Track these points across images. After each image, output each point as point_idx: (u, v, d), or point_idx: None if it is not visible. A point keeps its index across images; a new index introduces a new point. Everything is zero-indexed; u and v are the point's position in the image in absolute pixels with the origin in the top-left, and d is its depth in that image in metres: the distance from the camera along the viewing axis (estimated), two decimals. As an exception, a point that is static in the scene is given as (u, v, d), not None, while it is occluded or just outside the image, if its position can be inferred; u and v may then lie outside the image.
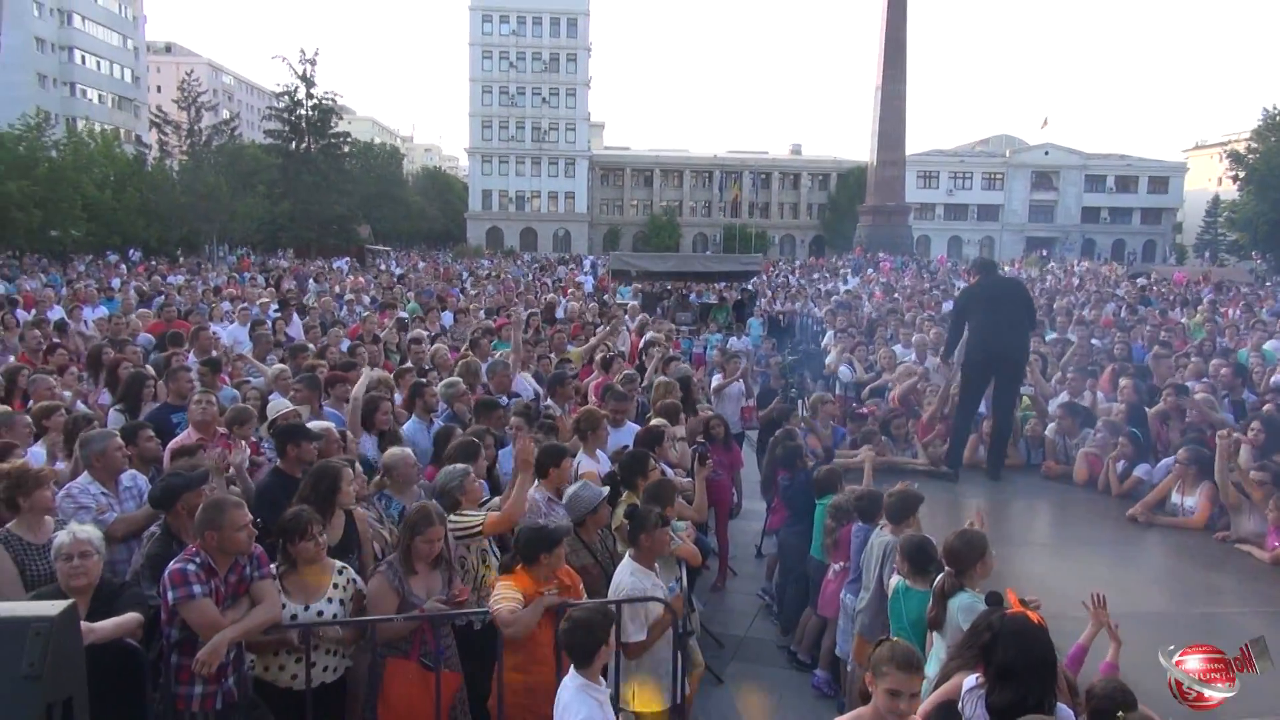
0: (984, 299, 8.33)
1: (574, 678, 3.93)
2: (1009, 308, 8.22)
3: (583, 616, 3.98)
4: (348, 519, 5.24)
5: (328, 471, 5.12)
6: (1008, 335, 8.11)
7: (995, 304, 8.21)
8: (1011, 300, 8.37)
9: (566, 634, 3.96)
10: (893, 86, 53.75)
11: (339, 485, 5.07)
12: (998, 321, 8.08)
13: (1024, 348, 8.50)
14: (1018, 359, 8.29)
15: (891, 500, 5.82)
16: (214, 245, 53.72)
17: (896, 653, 3.36)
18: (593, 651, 3.92)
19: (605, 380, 9.30)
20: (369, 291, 22.85)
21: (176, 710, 4.06)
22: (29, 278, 26.91)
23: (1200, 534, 6.52)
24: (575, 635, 3.92)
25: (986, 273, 8.84)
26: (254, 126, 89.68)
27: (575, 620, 3.96)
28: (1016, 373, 8.36)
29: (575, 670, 3.94)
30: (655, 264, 27.40)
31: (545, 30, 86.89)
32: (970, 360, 8.27)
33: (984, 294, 8.42)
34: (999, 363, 8.13)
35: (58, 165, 44.89)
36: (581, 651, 3.92)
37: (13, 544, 4.60)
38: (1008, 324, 8.11)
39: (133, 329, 12.25)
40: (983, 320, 8.14)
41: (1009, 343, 8.13)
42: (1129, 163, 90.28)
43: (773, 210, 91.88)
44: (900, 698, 3.26)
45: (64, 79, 71.32)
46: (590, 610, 4.07)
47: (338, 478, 5.08)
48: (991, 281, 8.67)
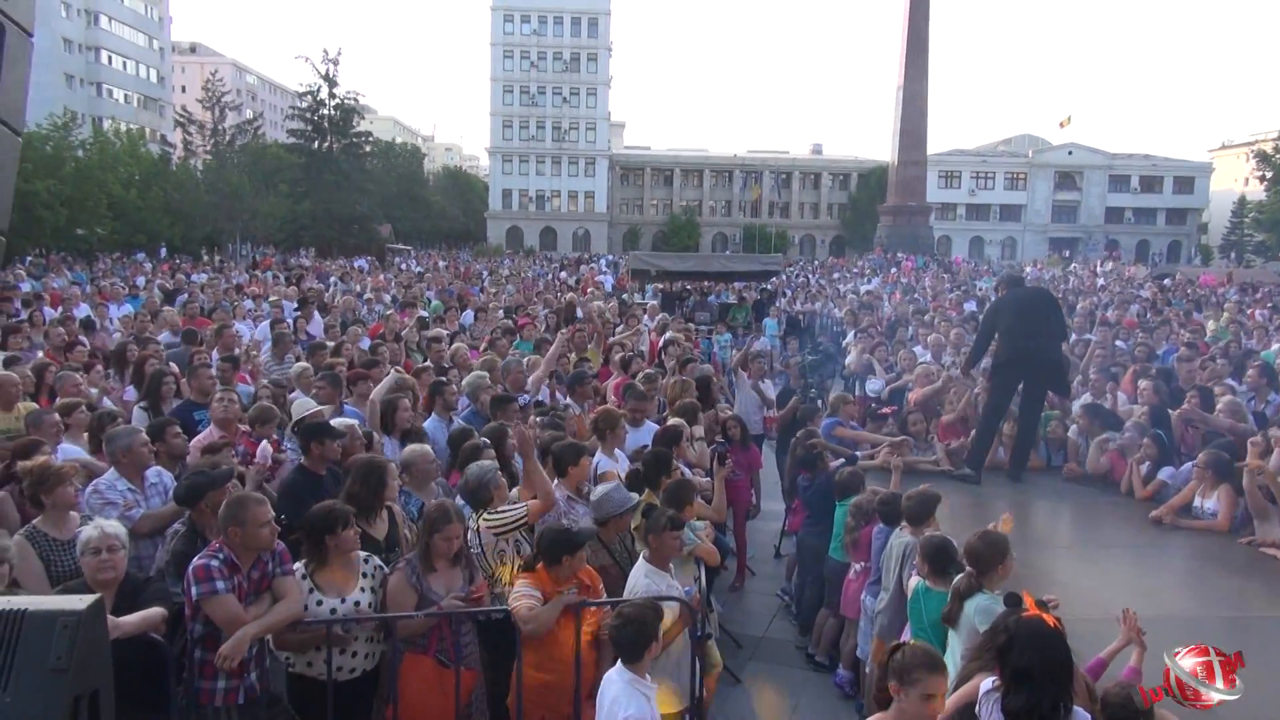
0: (1013, 307, 8.31)
1: (621, 672, 3.98)
2: (1039, 313, 8.22)
3: (633, 613, 4.03)
4: (390, 516, 5.29)
5: (375, 467, 5.17)
6: (1039, 339, 8.08)
7: (1025, 310, 8.20)
8: (1042, 306, 8.36)
9: (617, 630, 4.00)
10: (914, 85, 53.42)
11: (386, 481, 5.13)
12: (1028, 326, 8.06)
13: (1057, 352, 8.47)
14: (1050, 363, 8.23)
15: (910, 503, 5.81)
16: (237, 244, 54.15)
17: (926, 657, 3.37)
18: (643, 647, 3.96)
19: (624, 380, 9.31)
20: (389, 290, 22.97)
21: (199, 704, 4.10)
22: (55, 276, 27.22)
23: (1224, 538, 6.44)
24: (626, 631, 3.97)
25: (1014, 285, 8.84)
26: (277, 126, 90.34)
27: (626, 616, 4.00)
28: (1048, 377, 8.29)
29: (624, 665, 3.98)
30: (675, 264, 27.40)
31: (566, 30, 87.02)
32: (1000, 363, 8.24)
33: (1013, 302, 8.39)
34: (1030, 366, 8.09)
35: (84, 164, 45.45)
36: (631, 647, 3.96)
37: (38, 539, 4.66)
38: (1039, 329, 8.09)
39: (170, 324, 12.41)
40: (1013, 325, 8.12)
41: (1041, 346, 8.09)
42: (1154, 162, 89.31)
43: (793, 210, 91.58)
44: (935, 700, 3.27)
45: (90, 79, 72.20)
46: (641, 607, 4.13)
47: (385, 473, 5.14)
48: (1020, 292, 8.65)
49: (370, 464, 5.22)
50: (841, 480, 7.06)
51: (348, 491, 5.06)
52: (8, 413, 7.04)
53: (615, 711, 3.87)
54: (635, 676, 3.95)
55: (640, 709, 3.86)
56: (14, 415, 7.03)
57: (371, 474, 5.11)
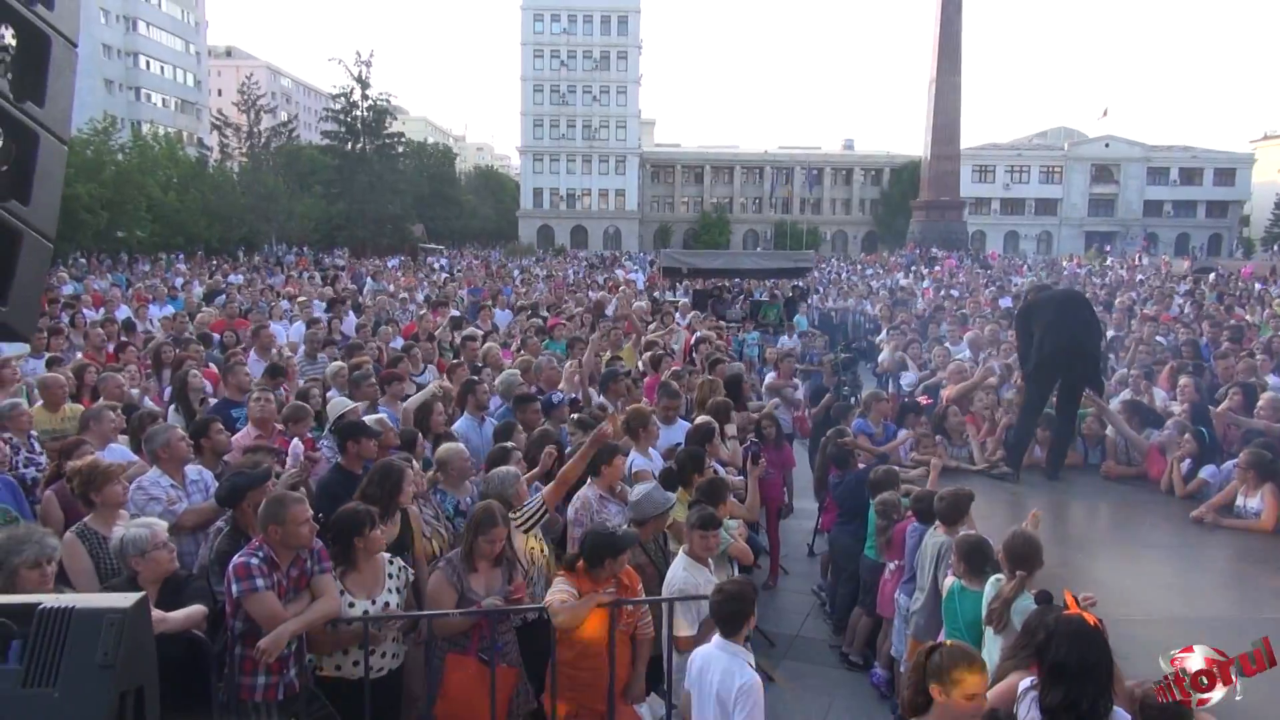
0: (1048, 306, 8.19)
1: (723, 645, 4.17)
2: (1076, 310, 8.13)
3: (734, 589, 4.29)
4: (403, 518, 5.34)
5: (391, 471, 5.21)
6: (1079, 334, 7.95)
7: (1061, 308, 8.10)
8: (1077, 303, 8.29)
9: (718, 605, 4.21)
10: (948, 79, 52.97)
11: (401, 485, 5.17)
12: (1066, 322, 7.92)
13: (1096, 348, 8.32)
14: (1089, 359, 8.08)
15: (943, 503, 5.77)
16: (273, 245, 54.86)
17: (965, 656, 3.34)
18: (742, 620, 4.17)
19: (657, 379, 9.31)
20: (422, 289, 23.15)
21: (240, 700, 4.18)
22: (96, 277, 27.74)
23: (1267, 538, 6.32)
24: (726, 605, 4.18)
25: (1041, 289, 8.81)
26: (311, 128, 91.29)
27: (726, 592, 4.25)
28: (1086, 374, 8.13)
29: (723, 638, 4.18)
30: (706, 261, 27.31)
31: (596, 28, 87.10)
32: (1038, 361, 8.07)
33: (1048, 302, 8.29)
34: (1069, 361, 7.95)
35: (124, 168, 46.27)
36: (731, 620, 4.16)
37: (88, 537, 4.77)
38: (1077, 324, 7.97)
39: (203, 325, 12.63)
40: (1051, 321, 7.97)
41: (1081, 341, 7.95)
42: (1194, 154, 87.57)
43: (824, 206, 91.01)
44: (977, 699, 3.26)
45: (129, 84, 73.49)
46: (740, 584, 4.43)
47: (401, 477, 5.18)
48: (1053, 293, 8.55)
49: (387, 466, 5.26)
50: (875, 479, 7.01)
51: (362, 492, 5.11)
52: (54, 414, 7.18)
53: (729, 682, 4.03)
54: (738, 647, 4.15)
55: (751, 676, 4.05)
56: (60, 416, 7.17)
57: (388, 476, 5.15)
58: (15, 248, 1.94)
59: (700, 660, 4.23)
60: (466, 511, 5.85)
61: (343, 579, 4.57)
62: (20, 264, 1.95)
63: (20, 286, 1.95)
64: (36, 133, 1.99)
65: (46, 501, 5.42)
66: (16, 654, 1.91)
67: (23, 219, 1.95)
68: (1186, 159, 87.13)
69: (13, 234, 1.94)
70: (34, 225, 1.98)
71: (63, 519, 5.18)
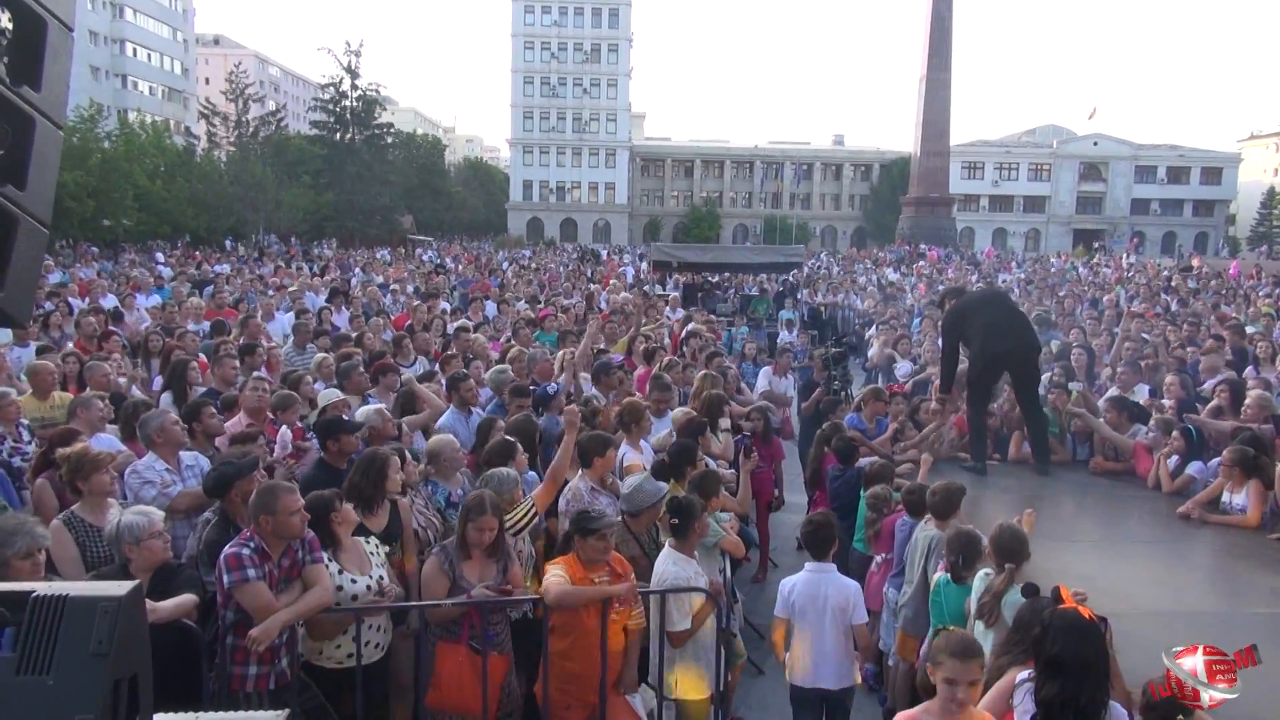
0: (972, 309, 8.23)
1: (817, 568, 5.12)
2: (1002, 309, 8.26)
3: (820, 519, 5.28)
4: (392, 507, 5.33)
5: (375, 459, 5.21)
6: (1023, 331, 8.13)
7: (994, 308, 8.24)
8: (1002, 303, 8.44)
9: (809, 534, 5.21)
10: (938, 75, 53.06)
11: (386, 473, 5.16)
12: (996, 323, 7.99)
13: (1033, 343, 8.31)
14: (1028, 354, 8.14)
15: (935, 497, 5.79)
16: (260, 235, 54.55)
17: (951, 641, 3.38)
18: (829, 544, 5.15)
19: (649, 372, 9.31)
20: (411, 281, 23.07)
21: (231, 689, 4.17)
22: (83, 266, 27.53)
23: (1253, 534, 6.37)
24: (817, 533, 5.15)
25: (957, 294, 8.76)
26: (299, 118, 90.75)
27: (815, 522, 5.22)
28: (1030, 368, 8.20)
29: (815, 560, 5.14)
30: (696, 255, 27.30)
31: (587, 21, 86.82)
32: (975, 364, 8.11)
33: (970, 306, 8.33)
34: (1008, 360, 8.03)
35: (110, 156, 45.84)
36: (820, 545, 5.15)
37: (75, 525, 4.75)
38: (1007, 324, 8.05)
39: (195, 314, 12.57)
40: (991, 323, 7.99)
41: (1028, 338, 8.11)
42: (1181, 153, 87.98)
43: (814, 201, 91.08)
44: (957, 686, 3.28)
45: (116, 71, 72.84)
46: (824, 514, 5.42)
47: (385, 465, 5.17)
48: (972, 296, 8.58)
49: (371, 456, 5.26)
50: (871, 472, 7.04)
51: (349, 482, 5.12)
52: (43, 401, 7.14)
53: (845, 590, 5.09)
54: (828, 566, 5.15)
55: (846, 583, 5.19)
56: (49, 404, 7.13)
57: (371, 465, 5.15)
58: (11, 233, 1.92)
59: (803, 586, 5.10)
60: (458, 503, 5.85)
61: (337, 559, 4.60)
62: (16, 250, 1.92)
63: (16, 272, 1.93)
64: (32, 117, 1.96)
65: (39, 489, 5.40)
66: (9, 642, 1.89)
67: (18, 204, 1.93)
68: (1174, 158, 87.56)
69: (8, 219, 1.92)
70: (30, 211, 1.96)
71: (56, 507, 5.16)
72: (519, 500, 5.43)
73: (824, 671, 5.03)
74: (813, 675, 5.06)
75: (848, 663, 5.09)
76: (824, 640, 5.01)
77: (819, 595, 5.02)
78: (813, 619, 5.02)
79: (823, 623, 4.99)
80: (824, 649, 5.01)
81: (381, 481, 5.13)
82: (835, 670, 5.03)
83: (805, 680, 5.10)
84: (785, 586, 5.18)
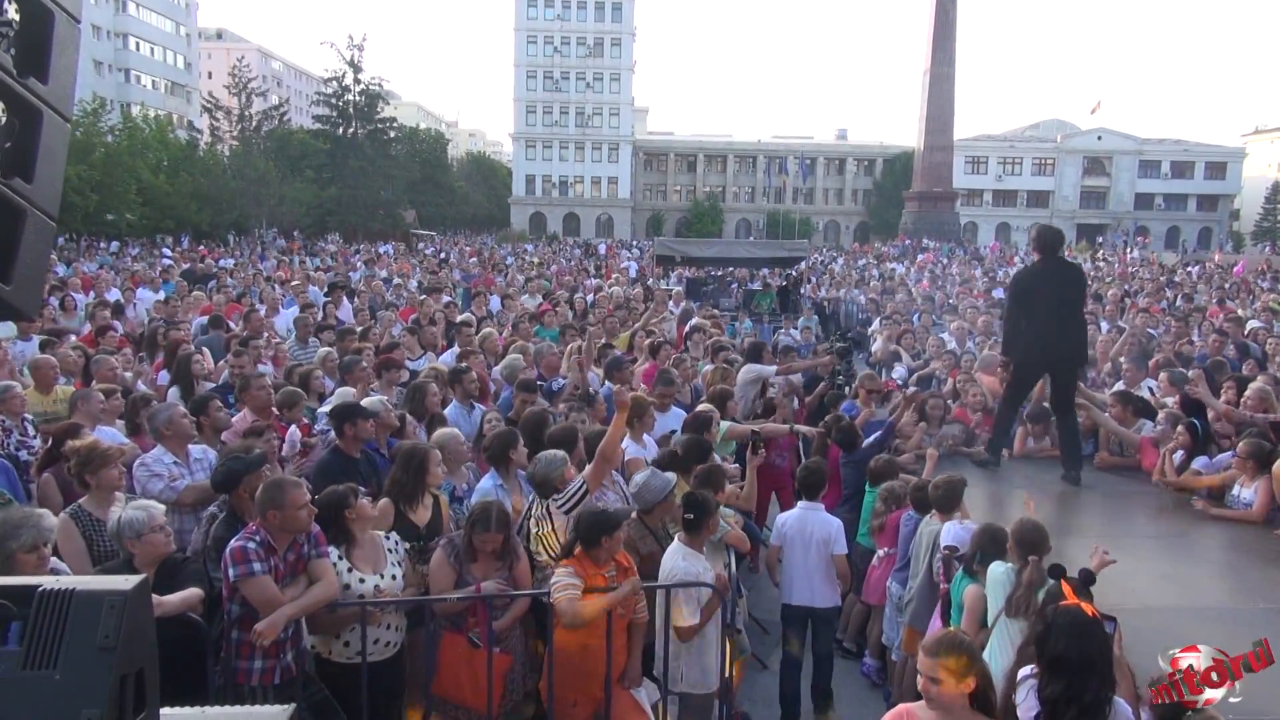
0: (1042, 288, 7.56)
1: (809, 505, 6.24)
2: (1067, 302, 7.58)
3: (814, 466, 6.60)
4: (435, 502, 5.34)
5: (416, 452, 5.23)
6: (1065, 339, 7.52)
7: (1052, 296, 7.49)
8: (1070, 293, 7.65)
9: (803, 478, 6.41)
10: (942, 70, 52.98)
11: (428, 466, 5.17)
12: (1048, 326, 7.45)
13: (1080, 352, 7.88)
14: (1073, 362, 7.73)
15: (938, 491, 5.79)
16: (264, 229, 54.60)
17: (927, 640, 3.41)
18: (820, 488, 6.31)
19: (654, 367, 9.30)
20: (414, 275, 23.06)
21: (236, 684, 4.18)
22: (86, 260, 27.55)
23: (1259, 529, 6.35)
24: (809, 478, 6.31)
25: (1049, 252, 7.74)
26: (302, 112, 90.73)
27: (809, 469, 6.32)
28: (1071, 374, 7.76)
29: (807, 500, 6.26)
30: (700, 250, 27.26)
31: (590, 15, 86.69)
32: (1022, 364, 7.72)
33: (1042, 283, 7.61)
34: (1051, 364, 7.61)
35: (113, 150, 45.92)
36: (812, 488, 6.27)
37: (82, 519, 4.75)
38: (1059, 329, 7.49)
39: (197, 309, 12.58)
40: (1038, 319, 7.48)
41: (1069, 347, 7.58)
42: (1185, 148, 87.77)
43: (817, 196, 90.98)
44: (930, 682, 3.27)
45: (119, 65, 72.81)
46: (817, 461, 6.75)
47: (426, 459, 5.19)
48: (1053, 268, 7.68)
49: (413, 450, 5.28)
50: (876, 468, 7.03)
51: (391, 478, 5.15)
52: (46, 395, 7.14)
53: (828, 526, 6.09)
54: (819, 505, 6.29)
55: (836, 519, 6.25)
56: (52, 398, 7.14)
57: (413, 459, 5.17)
58: (19, 226, 1.91)
59: (794, 520, 6.14)
60: (463, 497, 5.86)
61: (349, 556, 4.58)
62: (24, 242, 1.92)
63: (24, 265, 1.93)
64: (40, 109, 1.96)
65: (44, 484, 5.41)
66: (16, 636, 1.89)
67: (26, 197, 1.93)
68: (1178, 152, 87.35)
69: (16, 212, 1.91)
70: (37, 203, 1.96)
71: (61, 501, 5.17)
72: (570, 479, 5.41)
73: (808, 592, 6.05)
74: (798, 594, 6.08)
75: (829, 586, 6.10)
76: (809, 566, 6.03)
77: (805, 529, 6.05)
78: (799, 547, 6.05)
79: (808, 551, 6.01)
80: (808, 573, 6.03)
81: (423, 476, 5.14)
82: (818, 591, 6.05)
83: (793, 598, 6.11)
84: (780, 520, 6.33)
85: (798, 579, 6.08)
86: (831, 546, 6.00)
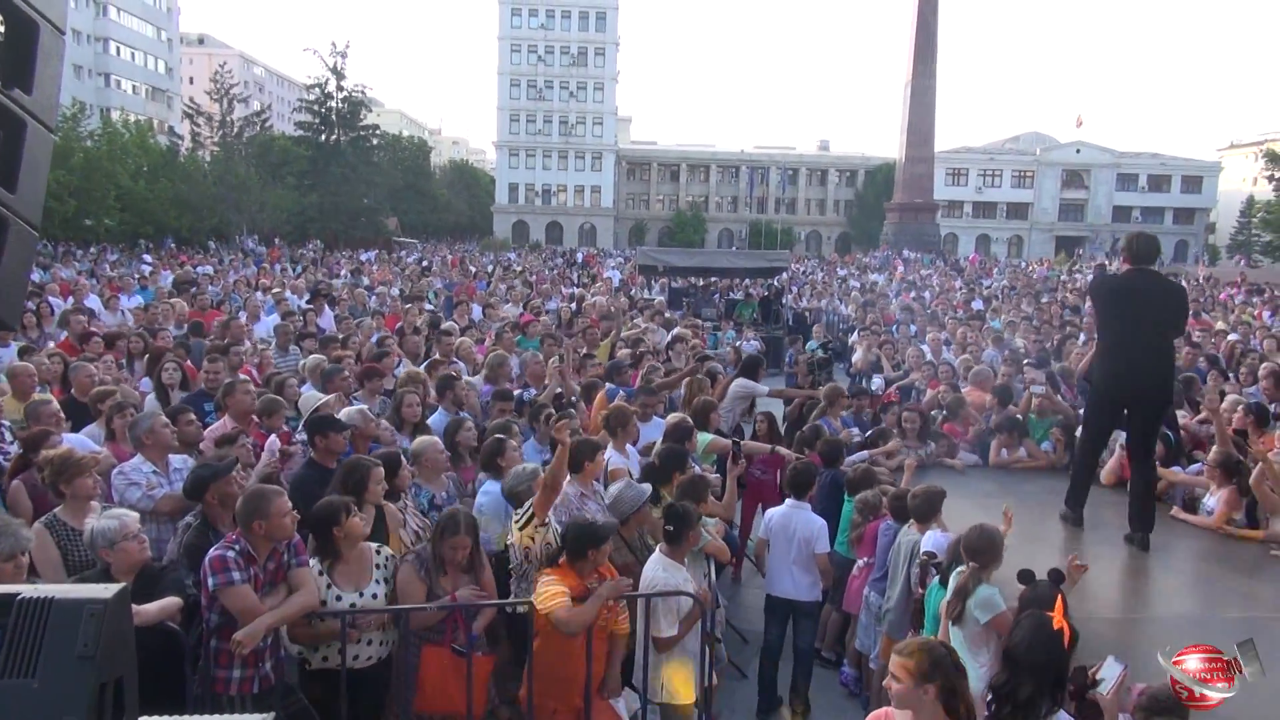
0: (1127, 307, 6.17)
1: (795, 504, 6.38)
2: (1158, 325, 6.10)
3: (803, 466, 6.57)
4: (377, 513, 5.32)
5: (357, 468, 5.21)
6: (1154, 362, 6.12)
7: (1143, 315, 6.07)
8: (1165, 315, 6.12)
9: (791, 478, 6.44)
10: (923, 82, 53.43)
11: (367, 483, 5.14)
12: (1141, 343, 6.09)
13: (1165, 388, 6.32)
14: (1158, 397, 6.28)
15: (916, 500, 5.84)
16: (244, 236, 54.23)
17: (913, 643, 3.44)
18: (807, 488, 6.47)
19: (635, 376, 9.32)
20: (395, 283, 22.99)
21: (215, 693, 4.16)
22: (64, 266, 27.28)
23: (1230, 540, 6.43)
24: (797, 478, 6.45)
25: (1141, 261, 6.18)
26: (284, 118, 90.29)
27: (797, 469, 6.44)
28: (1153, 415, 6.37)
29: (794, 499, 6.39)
30: (682, 259, 27.33)
31: (574, 24, 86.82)
32: (1099, 392, 6.52)
33: (1130, 296, 6.16)
34: (1132, 397, 6.23)
35: (93, 155, 45.44)
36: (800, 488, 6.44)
37: (57, 529, 4.71)
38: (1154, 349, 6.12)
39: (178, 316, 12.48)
40: (1123, 334, 6.19)
41: (1155, 372, 6.13)
42: (1162, 161, 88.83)
43: (799, 206, 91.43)
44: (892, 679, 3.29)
45: (99, 70, 72.23)
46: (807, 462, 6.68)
47: (366, 475, 5.16)
48: (1147, 282, 6.13)
49: (354, 464, 5.25)
50: (855, 478, 7.07)
51: (331, 489, 5.10)
52: (23, 403, 7.08)
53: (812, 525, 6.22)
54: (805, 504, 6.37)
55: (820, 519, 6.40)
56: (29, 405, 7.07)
57: (352, 474, 5.14)
58: (1, 236, 1.92)
59: (780, 517, 6.34)
60: (441, 506, 5.85)
61: (330, 572, 4.56)
62: (6, 252, 1.93)
63: (6, 275, 1.93)
64: (24, 120, 1.97)
65: (14, 491, 5.35)
66: (-6, 644, 1.90)
67: (9, 207, 1.93)
68: (1155, 166, 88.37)
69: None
70: (20, 214, 1.96)
71: (31, 509, 5.12)
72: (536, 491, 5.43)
73: (790, 585, 6.27)
74: (780, 587, 6.31)
75: (810, 581, 6.29)
76: (791, 562, 6.24)
77: (790, 526, 6.26)
78: (783, 543, 6.27)
79: (791, 548, 6.24)
80: (790, 567, 6.25)
81: (362, 490, 5.11)
82: (799, 585, 6.27)
83: (775, 590, 6.36)
84: (768, 516, 6.56)
85: (781, 572, 6.33)
86: (814, 545, 6.21)
